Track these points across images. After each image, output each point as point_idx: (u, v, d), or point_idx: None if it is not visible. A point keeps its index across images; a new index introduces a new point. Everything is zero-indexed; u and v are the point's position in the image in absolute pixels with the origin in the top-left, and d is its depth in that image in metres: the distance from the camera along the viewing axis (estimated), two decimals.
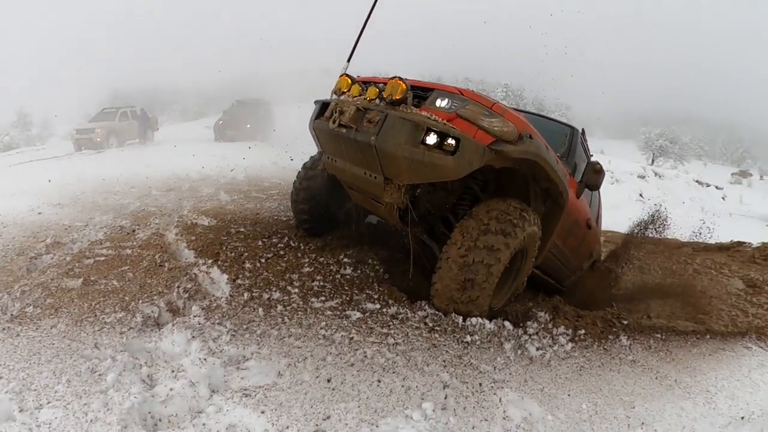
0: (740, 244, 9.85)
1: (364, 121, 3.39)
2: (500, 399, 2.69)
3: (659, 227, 9.11)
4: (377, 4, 4.33)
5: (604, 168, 4.34)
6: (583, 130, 5.28)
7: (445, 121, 3.14)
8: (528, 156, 3.34)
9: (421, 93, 3.44)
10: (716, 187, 34.12)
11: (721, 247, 9.93)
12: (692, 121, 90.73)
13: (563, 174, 3.82)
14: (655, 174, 30.06)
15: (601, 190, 6.47)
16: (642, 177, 27.64)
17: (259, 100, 27.10)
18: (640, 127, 67.36)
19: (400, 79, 3.32)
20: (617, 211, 16.19)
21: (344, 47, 4.35)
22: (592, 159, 5.29)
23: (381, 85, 3.47)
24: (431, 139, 3.08)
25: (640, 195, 23.06)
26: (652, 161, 53.38)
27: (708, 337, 4.43)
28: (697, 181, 32.67)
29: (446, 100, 3.30)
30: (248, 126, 23.81)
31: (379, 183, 3.43)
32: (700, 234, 13.54)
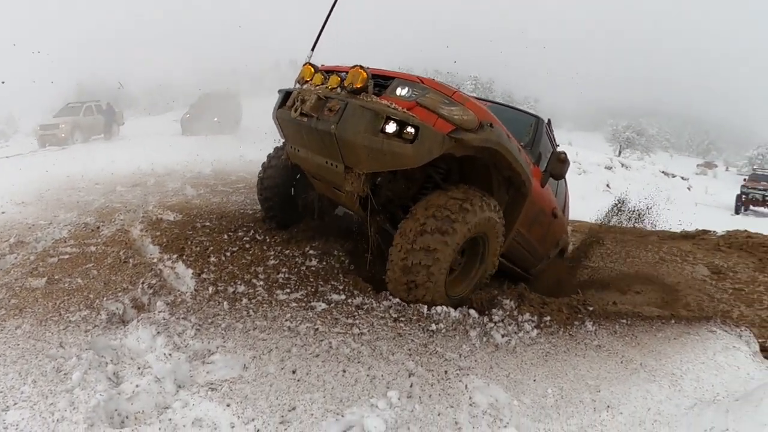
0: (705, 232, 10.16)
1: (325, 109, 3.40)
2: (466, 386, 2.72)
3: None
4: None
5: (572, 159, 4.41)
6: (549, 120, 5.35)
7: (404, 110, 3.16)
8: (488, 144, 3.38)
9: (382, 81, 3.46)
10: (682, 178, 35.00)
11: (686, 236, 10.19)
12: (659, 113, 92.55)
13: (526, 163, 3.86)
14: (622, 165, 30.69)
15: (568, 181, 6.60)
16: (609, 168, 28.19)
17: (228, 92, 26.86)
18: (608, 119, 68.47)
19: (362, 67, 3.34)
20: (584, 201, 16.49)
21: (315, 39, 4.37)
22: (558, 149, 5.38)
23: (343, 73, 3.48)
24: (391, 127, 3.11)
25: (607, 186, 23.46)
26: (619, 153, 54.34)
27: (673, 322, 4.51)
28: (663, 172, 33.42)
29: (406, 89, 3.32)
30: (216, 119, 23.57)
31: (339, 172, 3.46)
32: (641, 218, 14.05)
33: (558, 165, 4.28)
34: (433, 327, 3.26)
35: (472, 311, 3.59)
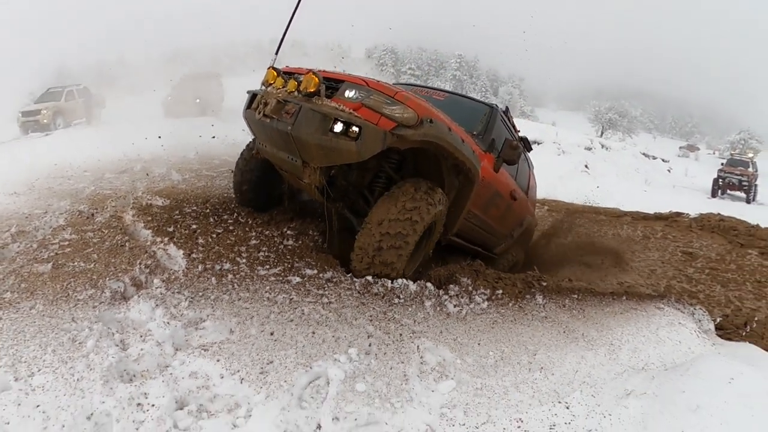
0: (678, 214, 10.25)
1: (283, 112, 3.84)
2: (417, 346, 3.17)
3: None
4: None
5: (551, 140, 4.85)
6: (506, 107, 5.74)
7: (350, 111, 3.59)
8: (428, 138, 3.81)
9: (333, 84, 3.89)
10: (662, 160, 35.20)
11: (659, 217, 10.31)
12: (644, 95, 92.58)
13: (471, 151, 4.29)
14: (602, 146, 30.47)
15: (548, 161, 6.98)
16: (589, 149, 28.03)
17: (209, 73, 26.34)
18: (592, 99, 68.63)
19: (314, 73, 3.75)
20: (563, 181, 16.71)
21: (297, 16, 4.73)
22: (521, 134, 5.83)
23: (301, 77, 3.91)
24: (338, 127, 3.54)
25: (586, 166, 23.58)
26: (601, 134, 54.70)
27: (624, 298, 4.85)
28: (643, 154, 33.46)
29: (354, 91, 3.74)
30: (198, 101, 23.27)
31: (298, 165, 3.90)
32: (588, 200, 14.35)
33: (510, 151, 4.73)
34: (394, 298, 3.72)
35: (429, 284, 4.03)
